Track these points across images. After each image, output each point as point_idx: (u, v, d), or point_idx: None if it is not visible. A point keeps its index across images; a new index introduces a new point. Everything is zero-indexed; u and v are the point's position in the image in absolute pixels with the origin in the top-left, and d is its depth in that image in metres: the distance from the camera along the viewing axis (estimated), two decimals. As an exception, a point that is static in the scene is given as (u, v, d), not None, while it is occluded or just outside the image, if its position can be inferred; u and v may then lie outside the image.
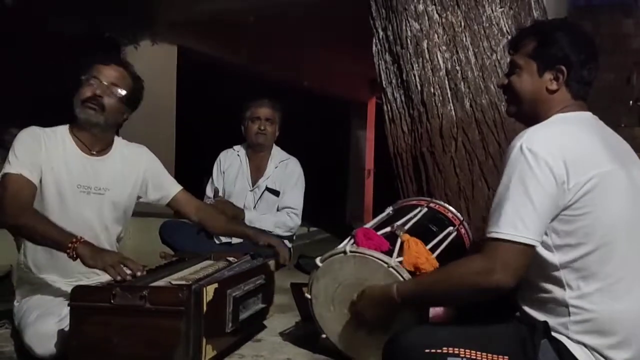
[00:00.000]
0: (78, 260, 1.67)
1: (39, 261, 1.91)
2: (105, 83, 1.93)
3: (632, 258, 1.28)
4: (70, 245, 1.65)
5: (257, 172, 3.14)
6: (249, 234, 2.17)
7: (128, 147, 2.10)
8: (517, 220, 1.22)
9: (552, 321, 1.29)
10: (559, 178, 1.23)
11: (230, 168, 3.17)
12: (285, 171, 3.13)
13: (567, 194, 1.24)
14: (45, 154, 1.88)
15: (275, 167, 3.13)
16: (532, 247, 1.23)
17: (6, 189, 1.78)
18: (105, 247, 1.90)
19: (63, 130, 1.98)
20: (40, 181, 1.86)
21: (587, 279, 1.26)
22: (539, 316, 1.32)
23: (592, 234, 1.25)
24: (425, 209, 2.00)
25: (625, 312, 1.26)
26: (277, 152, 3.19)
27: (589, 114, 1.42)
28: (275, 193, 3.09)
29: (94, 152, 1.98)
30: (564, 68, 1.38)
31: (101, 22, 4.78)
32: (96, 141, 1.98)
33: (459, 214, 2.08)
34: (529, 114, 1.44)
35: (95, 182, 1.96)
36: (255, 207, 3.06)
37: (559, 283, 1.28)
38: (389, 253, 1.69)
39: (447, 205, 2.10)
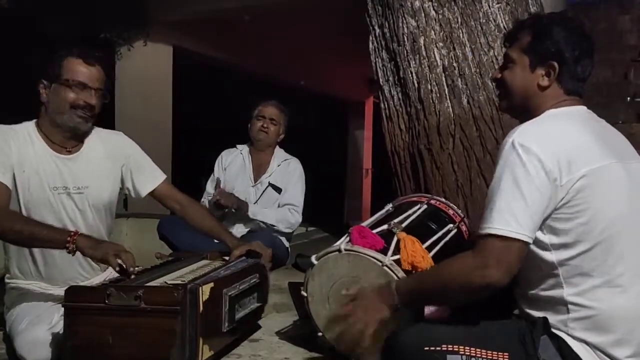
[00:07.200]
0: (63, 266, 1.63)
1: (24, 269, 1.85)
2: (93, 88, 1.80)
3: (631, 254, 1.25)
4: (69, 239, 1.59)
5: (259, 169, 3.20)
6: (228, 242, 2.03)
7: (104, 137, 1.96)
8: (509, 216, 1.20)
9: (552, 319, 1.28)
10: (550, 175, 1.21)
11: (232, 165, 3.23)
12: (288, 169, 3.20)
13: (560, 191, 1.22)
14: (16, 155, 1.76)
15: (278, 166, 3.20)
16: (525, 243, 1.21)
17: None
18: None
19: (30, 127, 1.84)
20: (15, 184, 1.75)
21: (585, 276, 1.24)
22: (538, 314, 1.30)
23: (590, 232, 1.23)
24: (425, 206, 1.97)
25: (625, 309, 1.24)
26: (279, 153, 3.27)
27: (583, 108, 1.39)
28: (278, 190, 3.14)
29: (67, 151, 1.86)
30: (555, 64, 1.36)
31: (96, 23, 4.76)
32: (69, 140, 1.86)
33: (459, 211, 2.06)
34: (520, 109, 1.43)
35: (73, 182, 1.84)
36: (256, 203, 3.09)
37: (556, 281, 1.27)
38: (384, 251, 1.67)
39: (448, 202, 2.08)
